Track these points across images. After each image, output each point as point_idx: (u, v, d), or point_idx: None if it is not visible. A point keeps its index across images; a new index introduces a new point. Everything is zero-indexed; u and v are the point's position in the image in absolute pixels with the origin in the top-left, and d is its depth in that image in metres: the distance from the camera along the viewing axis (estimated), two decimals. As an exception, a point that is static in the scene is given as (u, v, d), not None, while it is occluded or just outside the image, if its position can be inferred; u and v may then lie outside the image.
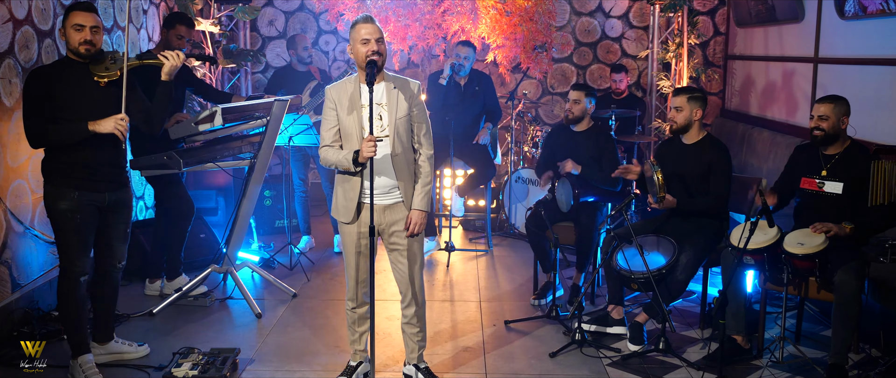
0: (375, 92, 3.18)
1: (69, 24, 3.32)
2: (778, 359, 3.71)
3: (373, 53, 3.11)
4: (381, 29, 3.21)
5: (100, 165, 3.42)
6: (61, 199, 3.35)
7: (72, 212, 3.36)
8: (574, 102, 4.66)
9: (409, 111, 3.26)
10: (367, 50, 3.12)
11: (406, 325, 3.49)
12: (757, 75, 6.61)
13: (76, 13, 3.33)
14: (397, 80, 3.28)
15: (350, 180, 3.29)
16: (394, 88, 3.25)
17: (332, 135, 3.27)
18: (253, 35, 7.21)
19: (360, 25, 3.16)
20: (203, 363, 3.50)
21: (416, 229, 3.28)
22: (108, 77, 3.39)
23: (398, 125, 3.24)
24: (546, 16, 6.22)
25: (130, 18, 4.36)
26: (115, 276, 3.62)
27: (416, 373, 3.54)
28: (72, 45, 3.34)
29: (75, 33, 3.32)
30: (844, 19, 5.06)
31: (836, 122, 3.69)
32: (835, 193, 3.69)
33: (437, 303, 4.70)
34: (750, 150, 6.29)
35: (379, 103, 3.22)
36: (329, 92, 3.27)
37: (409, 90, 3.28)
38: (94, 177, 3.41)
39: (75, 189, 3.36)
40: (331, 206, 3.55)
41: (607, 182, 4.59)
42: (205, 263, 4.84)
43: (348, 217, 3.30)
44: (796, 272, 3.59)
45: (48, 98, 3.26)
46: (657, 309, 3.89)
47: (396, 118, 3.23)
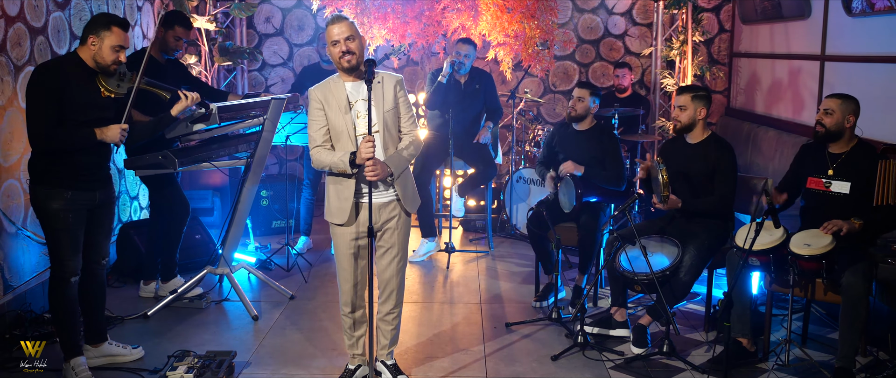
0: (359, 90, 3.25)
1: (110, 42, 3.36)
2: (784, 362, 3.71)
3: (343, 53, 3.18)
4: (353, 26, 3.23)
5: (94, 167, 3.48)
6: (54, 200, 3.36)
7: (64, 212, 3.37)
8: (578, 100, 4.66)
9: (395, 103, 3.30)
10: (337, 51, 3.19)
11: (381, 320, 3.51)
12: (762, 73, 6.61)
13: (119, 32, 3.39)
14: (380, 76, 3.31)
15: (343, 181, 3.29)
16: (377, 83, 3.27)
17: (322, 135, 3.29)
18: (249, 32, 7.21)
19: (329, 27, 3.22)
20: (198, 366, 3.50)
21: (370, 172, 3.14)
22: (114, 94, 3.49)
23: (387, 119, 3.28)
24: (548, 12, 6.22)
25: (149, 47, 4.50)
26: (100, 273, 3.64)
27: (385, 369, 3.55)
28: (105, 61, 3.38)
29: (113, 53, 3.39)
30: (852, 16, 5.06)
31: (841, 119, 3.68)
32: (842, 193, 3.69)
33: (437, 305, 4.70)
34: (755, 150, 6.29)
35: (365, 100, 3.24)
36: (313, 93, 3.29)
37: (392, 83, 3.32)
38: (88, 177, 3.45)
39: (69, 189, 3.38)
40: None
41: (611, 181, 4.59)
42: (200, 265, 4.84)
43: (343, 218, 3.31)
44: (803, 273, 3.59)
45: (57, 99, 3.28)
46: (661, 311, 3.89)
47: (384, 112, 3.27)
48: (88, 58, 3.39)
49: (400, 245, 3.42)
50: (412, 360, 3.85)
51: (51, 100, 3.27)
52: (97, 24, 3.37)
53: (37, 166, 3.39)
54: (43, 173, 3.38)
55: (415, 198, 3.44)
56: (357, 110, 3.25)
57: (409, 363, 3.80)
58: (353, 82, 3.27)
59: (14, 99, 4.12)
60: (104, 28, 3.36)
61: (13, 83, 4.11)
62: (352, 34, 3.19)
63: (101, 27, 3.36)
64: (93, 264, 3.59)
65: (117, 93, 3.49)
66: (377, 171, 3.14)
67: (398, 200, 3.36)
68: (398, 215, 3.38)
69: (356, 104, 3.25)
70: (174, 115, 3.74)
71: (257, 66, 7.29)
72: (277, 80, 7.24)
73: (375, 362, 3.54)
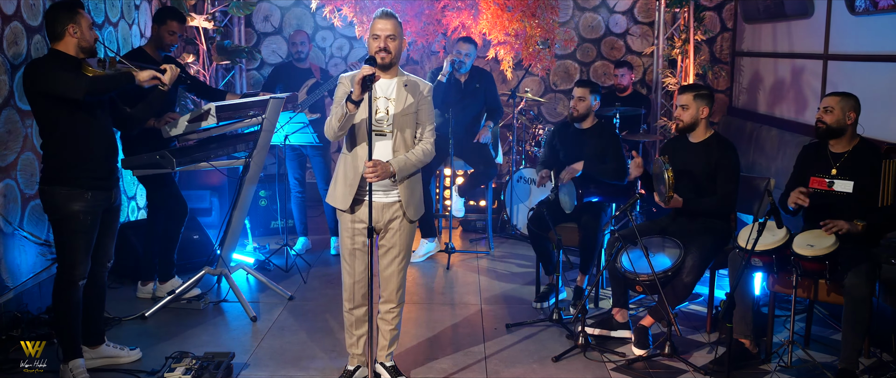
0: (386, 86, 3.31)
1: (86, 22, 3.39)
2: (787, 363, 3.71)
3: (380, 49, 3.22)
4: (399, 27, 3.27)
5: (110, 164, 3.50)
6: (75, 201, 3.36)
7: (84, 214, 3.38)
8: (579, 99, 4.66)
9: (416, 109, 3.32)
10: (375, 45, 3.23)
11: (381, 320, 3.52)
12: (765, 72, 6.62)
13: (83, 11, 3.41)
14: (410, 80, 3.36)
15: (354, 166, 3.28)
16: (404, 87, 3.32)
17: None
18: (248, 31, 7.21)
19: (376, 21, 3.25)
20: (197, 368, 3.49)
21: (369, 173, 3.13)
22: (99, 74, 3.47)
23: (402, 123, 3.29)
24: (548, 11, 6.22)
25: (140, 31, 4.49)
26: (103, 276, 3.65)
27: (384, 370, 3.56)
28: (89, 41, 3.41)
29: (91, 30, 3.42)
30: (855, 15, 5.06)
31: (841, 116, 3.69)
32: (845, 192, 3.69)
33: (437, 306, 4.70)
34: (758, 149, 6.29)
35: (388, 98, 3.29)
36: (344, 79, 3.31)
37: (419, 91, 3.35)
38: (107, 176, 3.48)
39: (90, 189, 3.39)
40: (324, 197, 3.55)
41: (612, 176, 4.59)
42: (198, 265, 4.84)
43: (345, 205, 3.33)
44: (805, 274, 3.59)
45: (64, 71, 3.30)
46: (663, 312, 3.89)
47: (401, 116, 3.29)
48: (72, 48, 3.39)
49: (401, 245, 3.42)
50: (412, 362, 3.85)
51: (64, 69, 3.29)
52: (65, 12, 3.36)
53: (54, 166, 3.39)
54: (62, 173, 3.37)
55: (419, 207, 3.43)
56: (377, 106, 3.28)
57: (408, 365, 3.80)
58: (383, 79, 3.30)
59: (11, 98, 4.12)
60: (75, 13, 3.37)
61: (9, 82, 4.11)
62: (395, 34, 3.24)
63: (72, 13, 3.36)
64: (97, 267, 3.59)
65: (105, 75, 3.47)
66: (377, 171, 3.13)
67: (400, 204, 3.36)
68: (401, 216, 3.39)
69: (378, 100, 3.28)
70: (162, 88, 3.60)
71: (256, 65, 7.29)
72: (275, 80, 7.23)
73: (375, 364, 3.54)
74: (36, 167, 4.32)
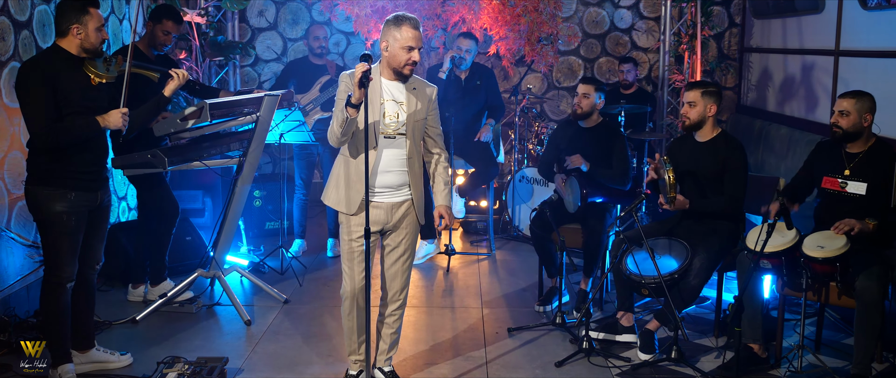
0: (395, 89, 3.33)
1: (93, 24, 3.38)
2: (797, 368, 3.72)
3: (412, 62, 3.25)
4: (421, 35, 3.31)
5: (96, 165, 3.50)
6: (57, 201, 3.36)
7: (67, 214, 3.38)
8: (583, 97, 4.67)
9: (426, 114, 3.39)
10: (408, 57, 3.23)
11: (382, 323, 3.54)
12: (774, 69, 6.62)
13: (96, 11, 3.41)
14: (417, 82, 3.38)
15: (359, 168, 3.28)
16: (413, 90, 3.35)
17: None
18: (242, 26, 7.21)
19: (407, 28, 3.21)
20: (189, 373, 3.50)
21: (448, 221, 3.48)
22: (105, 79, 3.49)
23: (415, 127, 3.34)
24: (551, 6, 6.23)
25: (135, 30, 4.52)
26: (91, 278, 3.66)
27: (382, 376, 3.57)
28: (93, 44, 3.40)
29: (98, 33, 3.41)
30: (867, 10, 5.07)
31: (857, 119, 3.68)
32: (858, 194, 3.69)
33: (437, 309, 4.71)
34: (767, 148, 6.29)
35: (398, 101, 3.32)
36: (344, 78, 3.29)
37: (426, 94, 3.39)
38: (92, 177, 3.47)
39: (73, 190, 3.39)
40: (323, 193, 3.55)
41: (617, 180, 4.59)
42: (191, 268, 4.84)
43: (351, 209, 3.34)
44: (816, 277, 3.59)
45: (52, 91, 3.28)
46: (669, 316, 3.89)
47: (414, 120, 3.33)
48: (74, 47, 3.39)
49: (407, 244, 3.47)
50: (411, 367, 3.85)
51: (46, 93, 3.27)
52: (73, 10, 3.36)
53: (38, 166, 3.39)
54: (45, 173, 3.38)
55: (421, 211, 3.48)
56: (385, 109, 3.29)
57: (407, 370, 3.81)
58: (392, 82, 3.32)
59: (-3, 95, 4.12)
60: (83, 13, 3.36)
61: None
62: (421, 45, 3.27)
63: (80, 13, 3.36)
64: (86, 269, 3.60)
65: (107, 77, 3.49)
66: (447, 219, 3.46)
67: (412, 204, 3.42)
68: (410, 216, 3.43)
69: (385, 103, 3.29)
70: (167, 95, 3.75)
71: (250, 62, 7.29)
72: (271, 76, 7.24)
73: (373, 369, 3.55)
74: (23, 166, 4.32)
